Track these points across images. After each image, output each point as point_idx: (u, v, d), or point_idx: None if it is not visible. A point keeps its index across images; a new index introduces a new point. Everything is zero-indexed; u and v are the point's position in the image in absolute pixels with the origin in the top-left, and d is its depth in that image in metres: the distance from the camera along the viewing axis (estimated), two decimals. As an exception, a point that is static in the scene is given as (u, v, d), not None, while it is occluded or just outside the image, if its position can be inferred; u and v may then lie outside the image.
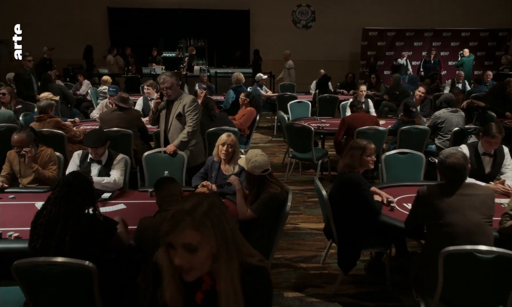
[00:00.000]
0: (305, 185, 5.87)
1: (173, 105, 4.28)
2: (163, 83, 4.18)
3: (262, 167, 3.01)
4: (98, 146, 3.60)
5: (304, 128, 5.51)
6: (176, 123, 4.28)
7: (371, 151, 3.29)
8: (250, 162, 3.01)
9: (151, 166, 4.18)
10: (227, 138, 3.56)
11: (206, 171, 3.77)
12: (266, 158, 3.06)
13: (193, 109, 4.27)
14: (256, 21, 14.39)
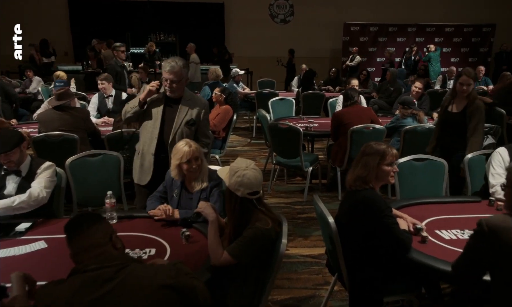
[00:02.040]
0: (293, 197, 4.95)
1: (180, 107, 3.01)
2: (170, 73, 2.86)
3: (251, 187, 2.07)
4: (7, 149, 2.59)
5: (292, 130, 4.59)
6: (186, 132, 3.01)
7: (392, 158, 2.39)
8: (235, 175, 2.06)
9: (80, 178, 3.27)
10: (188, 149, 2.58)
11: (165, 189, 2.80)
12: (259, 176, 2.11)
13: (208, 119, 3.29)
14: (231, 15, 13.51)
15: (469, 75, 3.71)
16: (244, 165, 2.08)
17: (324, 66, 13.22)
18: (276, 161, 4.98)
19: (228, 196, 2.11)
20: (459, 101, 3.81)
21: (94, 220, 1.58)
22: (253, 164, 2.12)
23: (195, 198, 2.66)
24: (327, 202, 4.76)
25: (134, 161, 3.14)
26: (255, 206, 2.11)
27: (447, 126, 3.87)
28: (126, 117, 3.10)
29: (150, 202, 2.73)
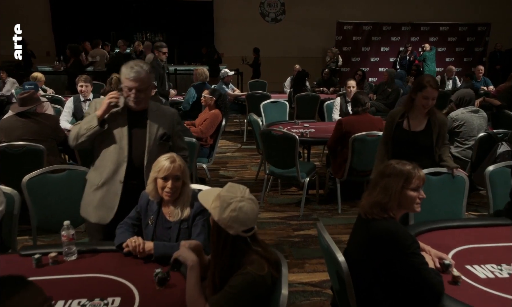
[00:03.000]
0: (288, 210, 4.49)
1: (148, 121, 2.46)
2: (136, 80, 2.32)
3: (246, 223, 1.62)
4: None
5: (286, 137, 4.13)
6: (159, 150, 2.46)
7: (418, 181, 1.95)
8: (229, 208, 1.60)
9: (40, 198, 2.75)
10: (170, 165, 2.12)
11: (139, 215, 2.32)
12: (256, 208, 1.66)
13: (181, 128, 2.76)
14: (220, 14, 13.02)
15: (435, 86, 2.99)
16: (239, 195, 1.62)
17: (316, 66, 12.83)
18: (269, 171, 4.51)
19: (216, 233, 1.64)
20: (415, 116, 3.06)
21: (17, 288, 1.10)
22: (248, 192, 1.67)
23: (174, 229, 2.20)
24: (326, 217, 4.33)
25: (85, 196, 2.55)
26: (249, 245, 1.65)
27: (404, 146, 3.05)
28: (79, 142, 2.43)
29: (119, 232, 2.24)
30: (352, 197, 4.80)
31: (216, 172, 5.69)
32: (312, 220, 4.26)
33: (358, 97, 4.36)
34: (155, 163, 2.17)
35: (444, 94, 7.55)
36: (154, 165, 2.17)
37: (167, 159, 2.15)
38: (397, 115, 3.13)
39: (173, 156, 2.17)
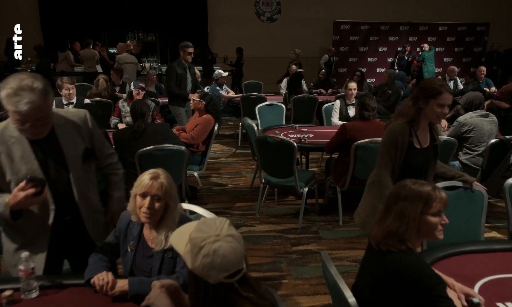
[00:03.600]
0: (285, 222, 4.18)
1: (59, 140, 1.97)
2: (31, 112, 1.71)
3: (228, 268, 1.28)
4: None
5: (283, 144, 3.82)
6: (84, 170, 2.06)
7: (440, 204, 1.64)
8: (201, 253, 1.26)
9: None
10: (149, 181, 1.81)
11: (117, 240, 2.00)
12: (239, 246, 1.30)
13: (100, 131, 2.23)
14: (214, 13, 12.70)
15: (450, 90, 2.50)
16: (213, 233, 1.27)
17: (313, 66, 12.56)
18: (265, 180, 4.20)
19: (193, 283, 1.31)
20: (422, 129, 2.53)
21: None
22: (226, 226, 1.31)
23: (157, 258, 1.88)
24: (326, 229, 4.02)
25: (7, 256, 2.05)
26: (237, 292, 1.32)
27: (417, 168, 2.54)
28: None
29: (91, 262, 1.92)
30: (353, 207, 4.49)
31: (209, 179, 5.38)
32: (312, 233, 3.96)
33: (366, 101, 3.99)
34: (139, 179, 1.86)
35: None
36: (138, 181, 1.86)
37: (149, 174, 1.85)
38: (405, 133, 2.45)
39: (157, 172, 1.86)
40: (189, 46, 5.69)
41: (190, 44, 5.75)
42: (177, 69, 5.62)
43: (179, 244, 1.34)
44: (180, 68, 5.66)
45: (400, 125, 2.47)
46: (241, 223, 4.14)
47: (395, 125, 2.49)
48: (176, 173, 3.66)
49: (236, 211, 4.42)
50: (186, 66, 5.74)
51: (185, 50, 5.66)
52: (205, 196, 4.69)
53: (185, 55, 5.67)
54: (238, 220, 4.20)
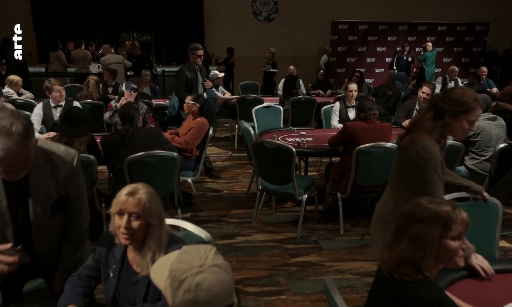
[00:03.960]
0: (283, 231, 3.98)
1: (32, 191, 1.78)
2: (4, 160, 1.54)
3: (213, 305, 1.08)
4: None
5: (282, 150, 3.62)
6: (50, 218, 1.86)
7: (461, 226, 1.44)
8: (180, 288, 1.07)
9: None
10: (125, 197, 1.60)
11: (97, 264, 1.80)
12: (226, 277, 1.11)
13: (80, 177, 1.97)
14: (210, 12, 12.51)
15: (483, 105, 2.17)
16: (197, 263, 1.08)
17: (311, 67, 12.38)
18: (262, 187, 4.00)
19: None
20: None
21: None
22: (212, 254, 1.11)
23: (142, 285, 1.68)
24: (327, 238, 3.82)
25: None
26: None
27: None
28: None
29: (67, 288, 1.73)
30: (354, 214, 4.32)
31: (204, 184, 5.17)
32: (311, 243, 3.76)
33: (361, 103, 3.87)
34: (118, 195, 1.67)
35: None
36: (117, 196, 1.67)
37: (127, 189, 1.65)
38: (439, 151, 2.01)
39: (136, 187, 1.66)
40: (198, 48, 5.36)
41: (200, 46, 5.43)
42: (187, 73, 5.29)
43: (159, 277, 1.14)
44: (190, 72, 5.35)
45: (433, 143, 2.01)
46: (237, 232, 3.94)
47: (428, 144, 1.97)
48: (168, 181, 3.46)
49: (232, 219, 4.22)
50: (196, 69, 5.43)
51: (194, 52, 5.33)
52: (200, 203, 4.48)
53: (194, 58, 5.35)
54: (234, 229, 4.00)
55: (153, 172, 3.33)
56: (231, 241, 3.77)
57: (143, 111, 4.89)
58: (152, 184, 1.66)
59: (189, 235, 2.02)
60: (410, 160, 2.01)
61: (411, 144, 2.00)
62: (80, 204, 1.99)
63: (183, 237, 1.95)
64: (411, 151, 1.99)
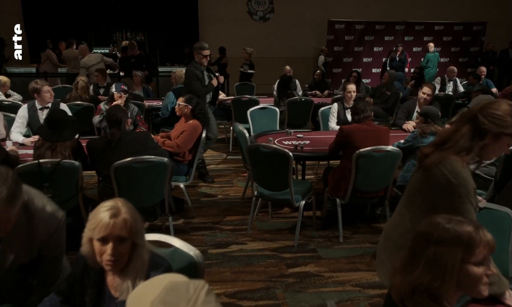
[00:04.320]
0: (280, 238, 3.80)
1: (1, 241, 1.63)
2: None
3: None
4: None
5: (278, 154, 3.44)
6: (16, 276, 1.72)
7: (485, 250, 1.27)
8: None
9: None
10: (109, 220, 1.41)
11: (71, 288, 1.61)
12: None
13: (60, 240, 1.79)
14: (205, 12, 12.33)
15: None
16: (185, 299, 0.91)
17: (307, 67, 12.24)
18: (257, 193, 3.82)
19: None
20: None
21: None
22: (203, 294, 0.92)
23: (118, 310, 1.50)
24: (326, 247, 3.65)
25: None
26: None
27: None
28: None
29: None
30: (353, 220, 4.15)
31: (197, 189, 4.99)
32: (309, 251, 3.58)
33: (356, 106, 3.74)
34: (91, 216, 1.48)
35: (448, 98, 6.96)
36: (90, 219, 1.47)
37: (106, 210, 1.45)
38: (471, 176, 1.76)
39: (115, 206, 1.46)
40: (204, 48, 5.01)
41: (206, 45, 5.09)
42: (196, 72, 4.98)
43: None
44: (199, 72, 5.02)
45: (465, 167, 1.72)
46: (232, 240, 3.75)
47: (460, 169, 1.69)
48: (158, 188, 3.27)
49: (226, 226, 4.04)
50: (203, 69, 5.09)
51: (200, 52, 4.99)
52: (193, 209, 4.29)
53: (200, 58, 5.00)
54: (228, 237, 3.82)
55: (142, 178, 3.14)
56: (225, 250, 3.58)
57: (134, 113, 4.71)
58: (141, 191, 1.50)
59: (177, 252, 1.83)
60: (436, 184, 1.71)
61: (437, 165, 1.71)
62: (51, 267, 1.80)
63: (170, 255, 1.78)
64: (437, 174, 1.69)
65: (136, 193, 3.18)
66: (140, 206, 3.33)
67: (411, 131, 4.87)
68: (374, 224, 4.10)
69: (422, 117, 3.76)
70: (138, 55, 8.78)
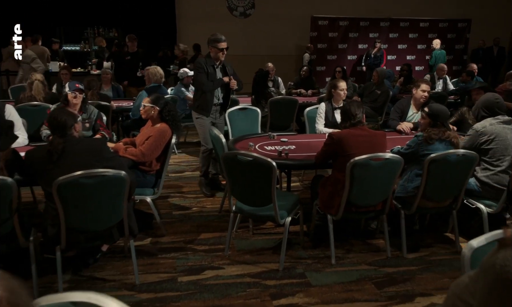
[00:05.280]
0: (262, 261, 3.26)
1: None
2: None
3: None
4: None
5: (258, 163, 2.89)
6: None
7: None
8: None
9: None
10: None
11: None
12: None
13: None
14: (183, 7, 11.76)
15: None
16: None
17: (290, 64, 11.79)
18: (236, 209, 3.28)
19: None
20: None
21: None
22: None
23: None
24: (316, 270, 3.14)
25: None
26: None
27: None
28: None
29: None
30: (345, 236, 3.66)
31: (169, 200, 4.42)
32: (297, 277, 3.06)
33: (346, 109, 3.20)
34: None
35: (440, 97, 6.55)
36: None
37: None
38: None
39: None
40: (220, 40, 4.31)
41: (223, 37, 4.37)
42: (206, 67, 4.30)
43: None
44: (208, 66, 4.33)
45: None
46: (206, 265, 3.20)
47: None
48: (114, 207, 2.70)
49: (200, 246, 3.48)
50: (216, 65, 4.42)
51: (215, 45, 4.31)
52: (162, 226, 3.72)
53: (216, 52, 4.32)
54: (202, 260, 3.26)
55: (93, 197, 2.56)
56: (198, 278, 3.03)
57: (93, 116, 4.12)
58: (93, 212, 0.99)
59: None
60: None
61: None
62: None
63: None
64: None
65: (86, 215, 2.60)
66: (93, 230, 2.77)
67: (406, 132, 4.42)
68: (370, 240, 3.60)
69: (431, 118, 3.22)
70: (135, 53, 7.98)
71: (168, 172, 5.33)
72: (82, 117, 4.08)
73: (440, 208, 3.32)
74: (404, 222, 3.30)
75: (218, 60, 4.38)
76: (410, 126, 4.46)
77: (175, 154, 6.15)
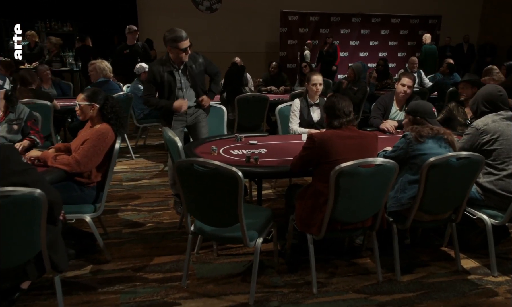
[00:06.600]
0: (229, 292, 2.65)
1: None
2: None
3: None
4: None
5: (221, 174, 2.28)
6: None
7: None
8: None
9: None
10: None
11: None
12: None
13: None
14: (145, 1, 10.94)
15: None
16: None
17: (259, 61, 11.25)
18: (195, 229, 2.66)
19: None
20: None
21: None
22: None
23: None
24: (295, 303, 2.55)
25: None
26: None
27: None
28: None
29: None
30: (328, 255, 3.10)
31: (119, 215, 3.74)
32: (271, 313, 2.47)
33: (333, 105, 2.61)
34: None
35: (423, 92, 6.15)
36: None
37: None
38: None
39: None
40: (180, 39, 3.47)
41: (183, 34, 3.52)
42: (156, 72, 3.55)
43: None
44: (165, 70, 3.56)
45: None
46: (159, 301, 2.56)
47: None
48: (26, 237, 2.02)
49: (153, 275, 2.84)
50: (175, 67, 3.59)
51: (174, 45, 3.48)
52: (106, 250, 3.04)
53: (175, 53, 3.51)
54: (153, 294, 2.62)
55: (-6, 225, 1.89)
56: (147, 319, 2.39)
57: (23, 117, 3.40)
58: None
59: None
60: None
61: None
62: None
63: None
64: None
65: (-15, 250, 1.92)
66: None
67: (391, 132, 3.93)
68: (356, 259, 3.06)
69: (410, 114, 2.77)
70: (134, 46, 7.12)
71: (122, 180, 4.65)
72: (9, 117, 3.38)
73: (438, 221, 2.81)
74: (397, 238, 2.77)
75: (180, 62, 3.61)
76: (395, 124, 3.97)
77: (132, 159, 5.46)
